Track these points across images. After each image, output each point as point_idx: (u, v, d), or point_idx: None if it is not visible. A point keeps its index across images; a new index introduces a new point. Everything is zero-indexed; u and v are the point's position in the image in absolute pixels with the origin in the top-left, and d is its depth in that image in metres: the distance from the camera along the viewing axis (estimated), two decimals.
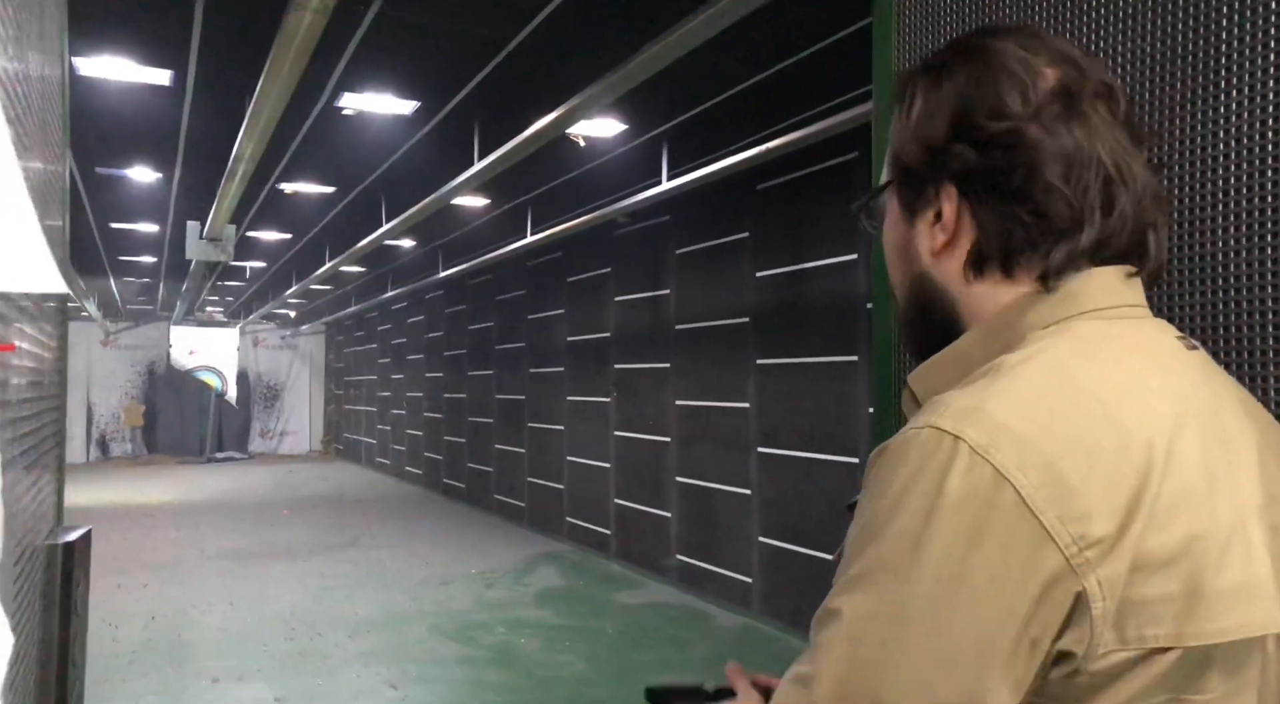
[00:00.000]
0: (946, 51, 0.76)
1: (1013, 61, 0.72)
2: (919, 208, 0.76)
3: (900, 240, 0.78)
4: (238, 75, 4.51)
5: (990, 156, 0.70)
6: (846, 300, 5.48)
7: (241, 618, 6.19)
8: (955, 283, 0.74)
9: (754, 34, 3.84)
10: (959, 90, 0.72)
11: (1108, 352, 0.66)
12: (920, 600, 0.58)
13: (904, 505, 0.60)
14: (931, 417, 0.62)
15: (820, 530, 5.65)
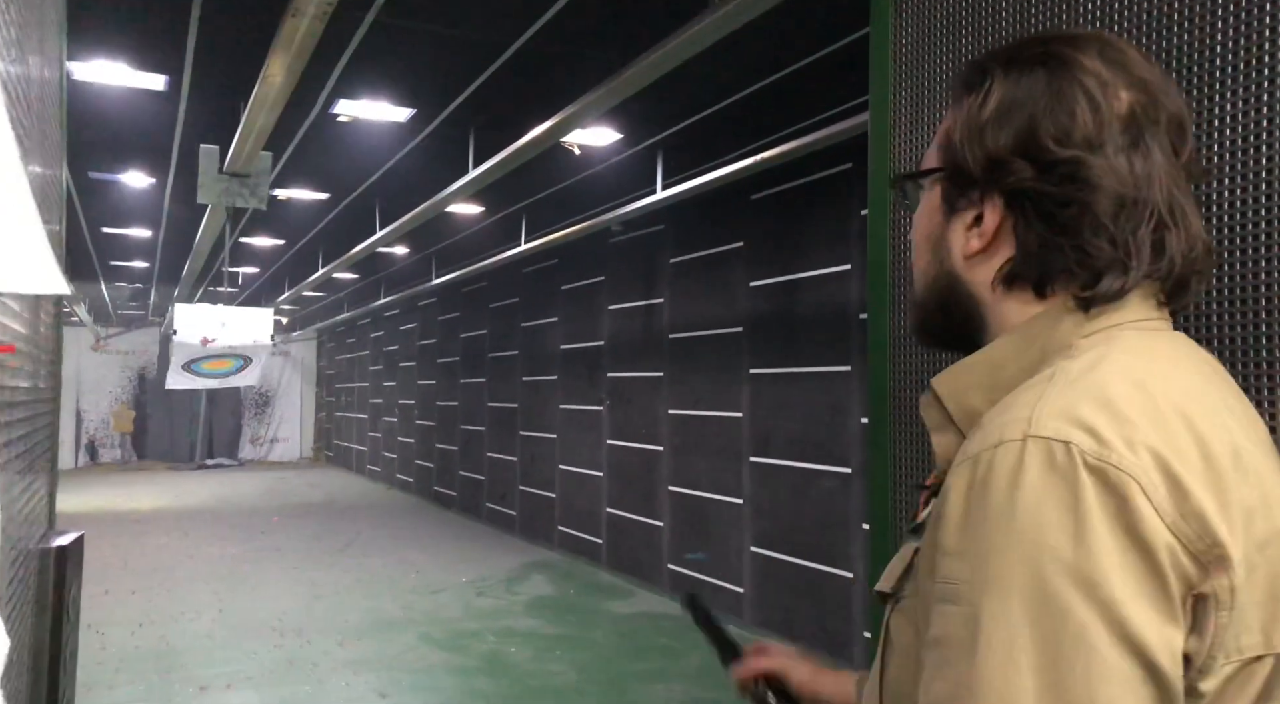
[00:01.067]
0: (1028, 50, 0.73)
1: (1091, 81, 0.70)
2: (960, 206, 0.75)
3: (933, 231, 0.77)
4: (233, 81, 4.51)
5: (1047, 180, 0.69)
6: (839, 311, 5.49)
7: (230, 625, 6.16)
8: (984, 290, 0.74)
9: (749, 45, 3.86)
10: (1032, 102, 0.70)
11: (1161, 362, 0.66)
12: (1081, 609, 0.54)
13: (1037, 520, 0.56)
14: (1021, 426, 0.59)
15: (812, 540, 5.65)
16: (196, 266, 9.14)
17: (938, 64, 1.37)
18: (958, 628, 0.58)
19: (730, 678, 1.16)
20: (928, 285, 0.78)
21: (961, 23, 1.33)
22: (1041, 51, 0.72)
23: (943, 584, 0.60)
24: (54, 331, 1.63)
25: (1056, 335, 0.69)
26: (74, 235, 8.75)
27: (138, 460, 17.86)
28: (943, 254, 0.76)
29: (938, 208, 0.77)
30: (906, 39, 1.42)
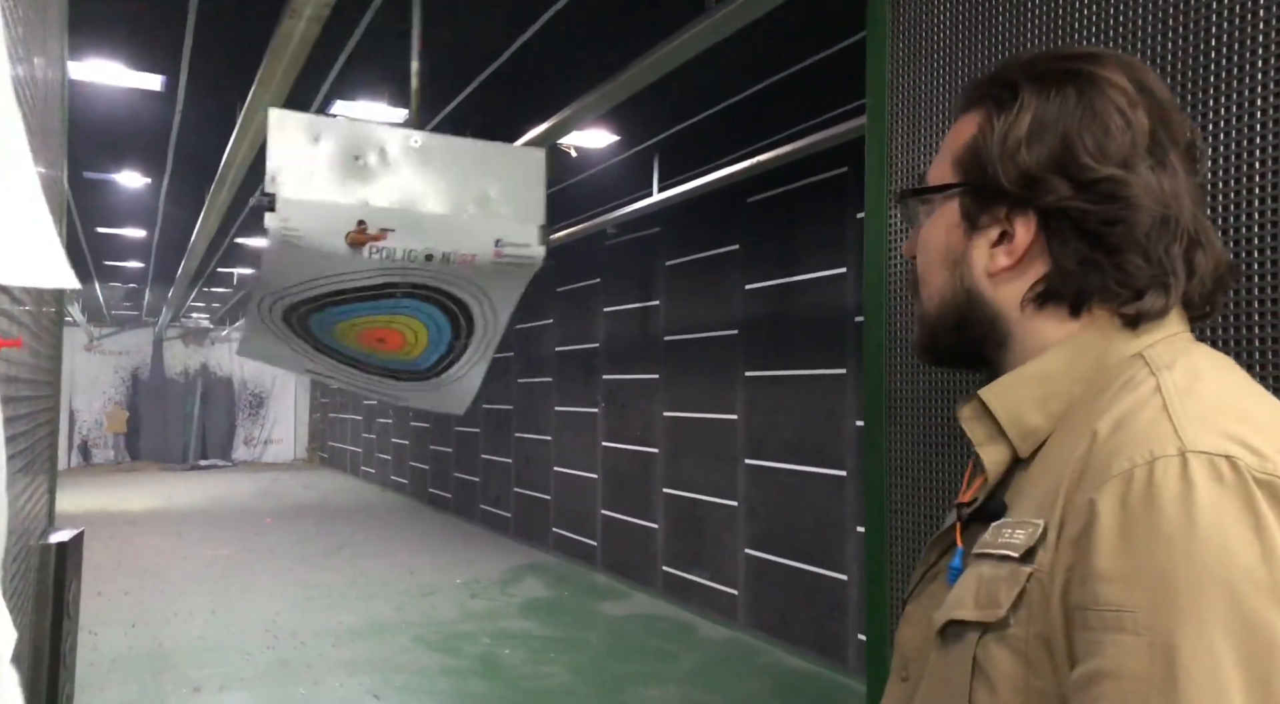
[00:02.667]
0: (1054, 66, 0.72)
1: (1121, 99, 0.69)
2: (984, 223, 0.73)
3: (950, 247, 0.76)
4: (230, 81, 4.51)
5: (1087, 198, 0.68)
6: (835, 313, 5.51)
7: (224, 626, 6.14)
8: (1010, 308, 0.73)
9: (747, 48, 3.87)
10: (1066, 119, 0.69)
11: (1237, 372, 0.67)
12: None
13: (1222, 539, 0.54)
14: (1171, 441, 0.58)
15: (807, 543, 5.66)
16: (191, 267, 9.12)
17: (935, 70, 1.38)
18: (1142, 661, 0.54)
19: None
20: (942, 303, 0.77)
21: (958, 29, 1.34)
22: (1069, 68, 0.71)
23: (1105, 611, 0.56)
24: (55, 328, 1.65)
25: (1113, 348, 0.69)
26: (68, 235, 8.73)
27: (131, 461, 17.81)
28: (963, 271, 0.75)
29: (956, 225, 0.75)
30: (903, 44, 1.44)
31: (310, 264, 1.76)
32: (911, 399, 1.44)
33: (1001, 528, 0.67)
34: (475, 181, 1.93)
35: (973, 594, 0.66)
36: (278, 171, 1.72)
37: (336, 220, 1.75)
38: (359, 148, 1.77)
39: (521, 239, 2.01)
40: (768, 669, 5.41)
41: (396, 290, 1.88)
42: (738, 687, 5.11)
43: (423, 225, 1.84)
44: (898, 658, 0.79)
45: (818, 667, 5.32)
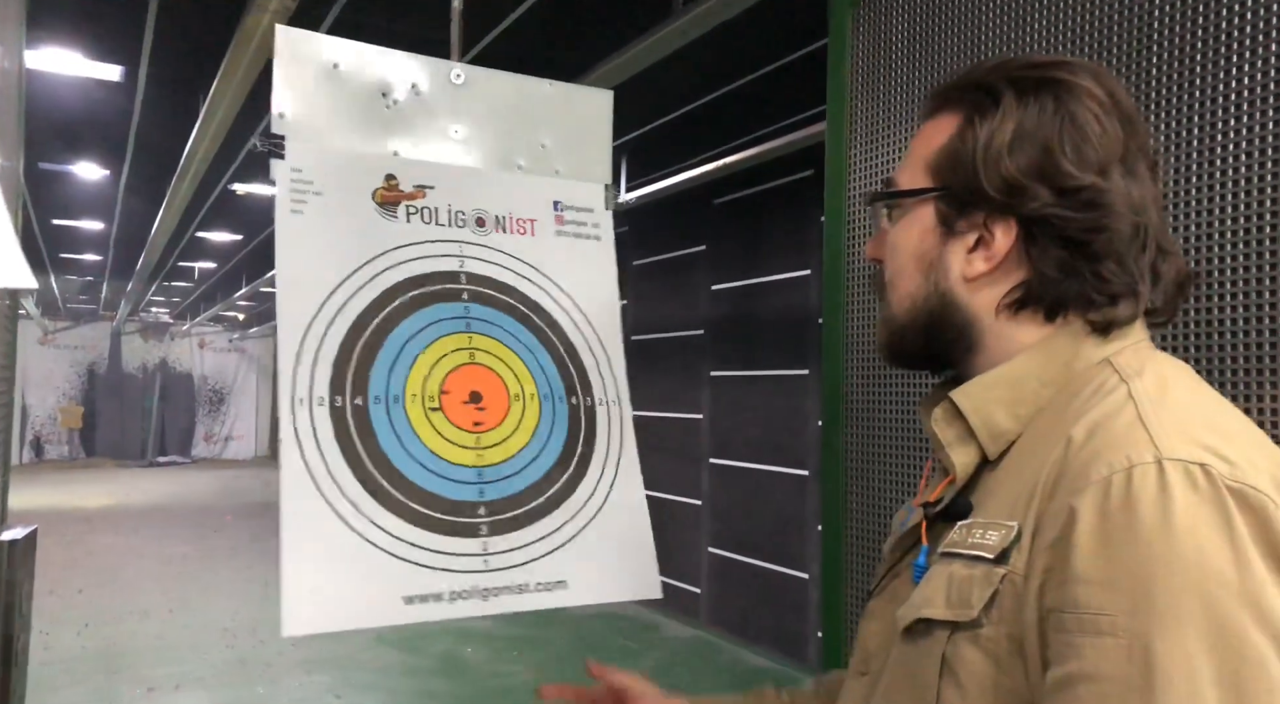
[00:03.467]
0: (1030, 73, 0.73)
1: (1097, 108, 0.71)
2: (960, 229, 0.74)
3: (924, 252, 0.76)
4: (192, 73, 4.45)
5: (1069, 206, 0.69)
6: (799, 315, 5.56)
7: (180, 625, 6.06)
8: (984, 313, 0.74)
9: (714, 51, 3.90)
10: (1046, 127, 0.70)
11: (1186, 378, 0.69)
12: (1256, 635, 0.54)
13: (1197, 544, 0.55)
14: (1147, 448, 0.59)
15: (769, 541, 5.71)
16: (151, 260, 8.97)
17: (893, 78, 1.41)
18: (1120, 662, 0.55)
19: None
20: (914, 306, 0.77)
21: (916, 40, 1.37)
22: (1045, 76, 0.72)
23: (1083, 614, 0.57)
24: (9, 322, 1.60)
25: (1081, 354, 0.70)
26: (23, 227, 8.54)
27: (85, 457, 17.47)
28: (937, 276, 0.75)
29: (931, 229, 0.75)
30: (863, 54, 1.46)
31: (336, 239, 1.37)
32: (868, 400, 1.47)
33: (971, 528, 0.68)
34: (527, 128, 1.54)
35: (943, 593, 0.67)
36: (287, 108, 1.35)
37: (362, 173, 1.39)
38: (388, 82, 1.42)
39: (584, 202, 1.59)
40: (729, 667, 5.45)
41: (460, 286, 1.47)
42: (700, 685, 5.14)
43: (466, 181, 1.48)
44: (859, 653, 0.80)
45: (779, 664, 5.37)
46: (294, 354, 1.32)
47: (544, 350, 1.50)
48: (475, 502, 1.38)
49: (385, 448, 1.34)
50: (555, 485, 1.45)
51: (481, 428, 1.41)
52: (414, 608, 1.35)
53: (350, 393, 1.33)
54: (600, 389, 1.54)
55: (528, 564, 1.41)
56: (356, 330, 1.35)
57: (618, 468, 1.54)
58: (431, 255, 1.44)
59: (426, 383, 1.39)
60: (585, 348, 1.54)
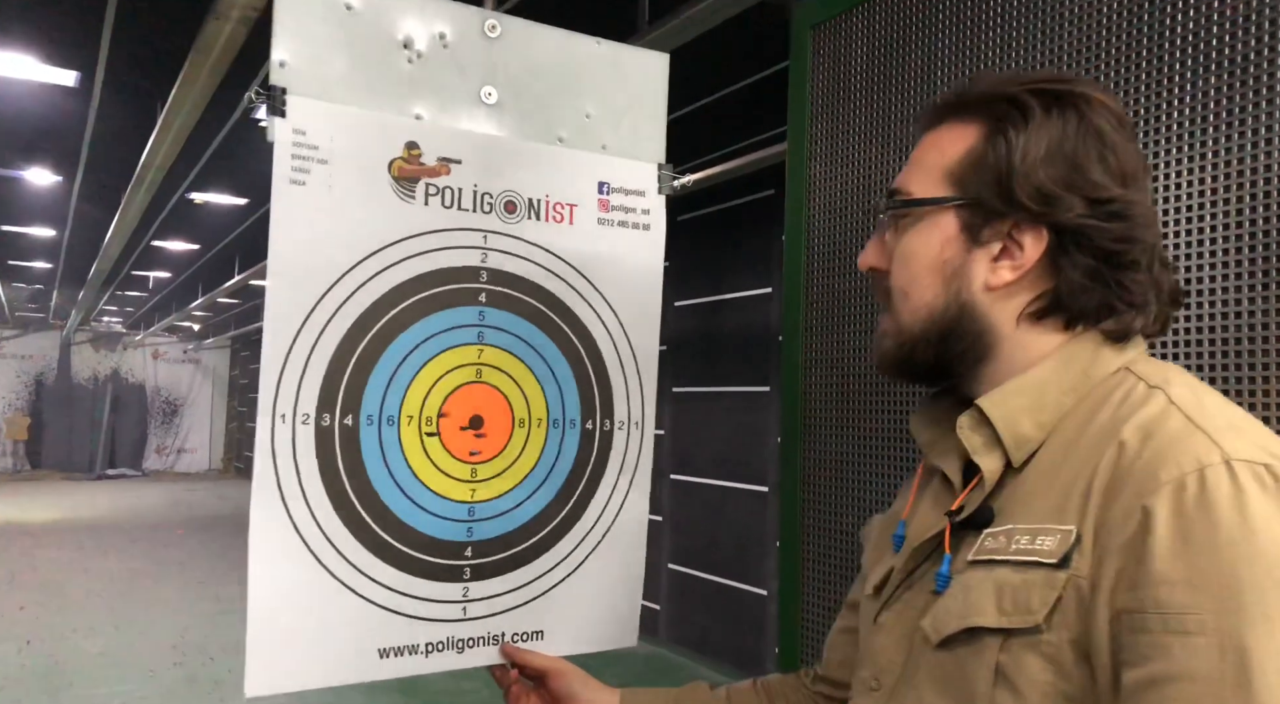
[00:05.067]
0: (1049, 88, 0.74)
1: (1115, 122, 0.73)
2: (986, 237, 0.74)
3: (945, 261, 0.76)
4: (150, 80, 4.39)
5: (1099, 217, 0.70)
6: (761, 332, 5.60)
7: (127, 643, 5.90)
8: (1003, 322, 0.74)
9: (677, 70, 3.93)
10: (1076, 140, 0.71)
11: (1203, 386, 0.71)
12: None
13: (1273, 540, 0.57)
14: (1212, 450, 0.60)
15: (728, 558, 5.72)
16: (104, 269, 8.79)
17: (852, 100, 1.43)
18: (1212, 661, 0.56)
19: None
20: (930, 317, 0.76)
21: (874, 59, 1.39)
22: (1064, 90, 0.73)
23: (1167, 614, 0.58)
24: None
25: (1099, 362, 0.72)
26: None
27: (31, 469, 16.99)
28: (959, 285, 0.75)
29: (953, 238, 0.75)
30: (823, 73, 1.49)
31: (341, 221, 1.15)
32: (826, 417, 1.48)
33: (1012, 534, 0.68)
34: (572, 93, 1.29)
35: (992, 601, 0.66)
36: (288, 54, 1.12)
37: (378, 138, 1.16)
38: (410, 31, 1.18)
39: (634, 184, 1.36)
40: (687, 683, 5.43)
41: (478, 286, 1.26)
42: None
43: (499, 155, 1.24)
44: (867, 668, 0.79)
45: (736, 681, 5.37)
46: (280, 359, 1.13)
47: (566, 364, 1.32)
48: (463, 542, 1.25)
49: (373, 478, 1.19)
50: (548, 527, 1.31)
51: (478, 458, 1.26)
52: (389, 663, 1.21)
53: (340, 410, 1.17)
54: (624, 410, 1.38)
55: (507, 613, 1.28)
56: (354, 336, 1.17)
57: (622, 504, 1.38)
58: (450, 248, 1.23)
59: (425, 403, 1.22)
60: (616, 363, 1.37)
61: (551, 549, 1.31)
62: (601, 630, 1.35)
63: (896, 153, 1.35)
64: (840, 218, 1.45)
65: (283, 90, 1.12)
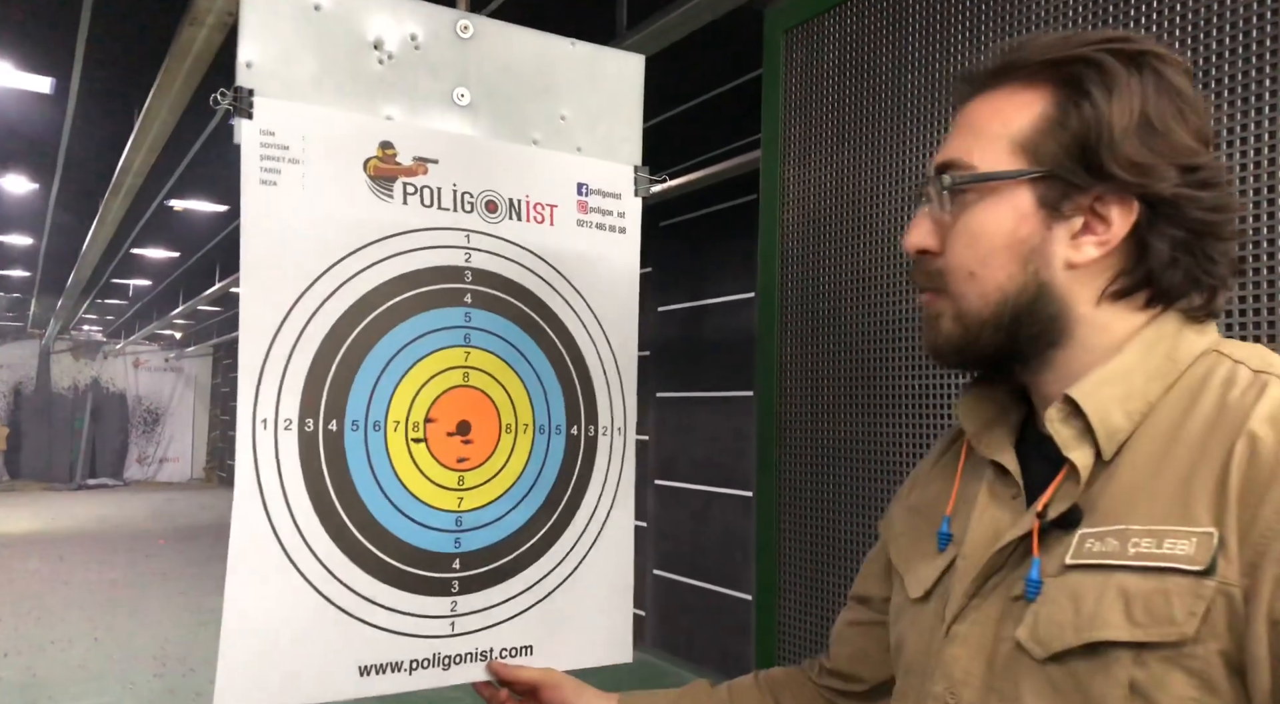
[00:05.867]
0: (1120, 46, 0.68)
1: (1187, 78, 0.68)
2: (1067, 212, 0.68)
3: (1022, 239, 0.69)
4: (126, 87, 4.36)
5: (1192, 185, 0.66)
6: (743, 337, 5.61)
7: (106, 654, 5.84)
8: (1082, 302, 0.69)
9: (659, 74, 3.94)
10: (1160, 101, 0.66)
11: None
12: None
13: None
14: None
15: (713, 563, 5.71)
16: (83, 277, 8.72)
17: (824, 106, 1.44)
18: None
19: None
20: (1003, 299, 0.70)
21: (846, 63, 1.40)
22: (1138, 48, 0.68)
23: None
24: None
25: (1182, 345, 0.68)
26: None
27: (10, 479, 16.80)
28: (1038, 264, 0.69)
29: (1029, 214, 0.69)
30: (796, 78, 1.49)
31: (316, 221, 1.12)
32: (802, 421, 1.48)
33: (1126, 536, 0.63)
34: (546, 95, 1.29)
35: (1120, 611, 0.61)
36: (255, 54, 1.10)
37: (351, 138, 1.15)
38: (380, 31, 1.16)
39: (610, 186, 1.36)
40: None
41: (463, 287, 1.23)
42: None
43: (476, 155, 1.23)
44: (940, 681, 0.72)
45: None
46: (259, 362, 1.09)
47: (550, 368, 1.30)
48: (450, 553, 1.21)
49: (358, 485, 1.15)
50: (535, 536, 1.28)
51: (466, 465, 1.23)
52: (369, 681, 1.17)
53: (324, 415, 1.13)
54: (607, 415, 1.36)
55: (495, 627, 1.24)
56: (335, 338, 1.13)
57: (609, 513, 1.36)
58: (432, 247, 1.20)
59: (412, 408, 1.19)
60: (598, 365, 1.35)
61: (540, 560, 1.28)
62: (593, 645, 1.31)
63: (870, 156, 1.35)
64: (814, 221, 1.46)
65: (250, 91, 1.11)
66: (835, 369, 1.42)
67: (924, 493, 0.86)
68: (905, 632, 0.80)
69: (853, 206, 1.37)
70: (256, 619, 1.09)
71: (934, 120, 1.25)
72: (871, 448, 1.34)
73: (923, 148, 1.26)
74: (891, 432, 1.30)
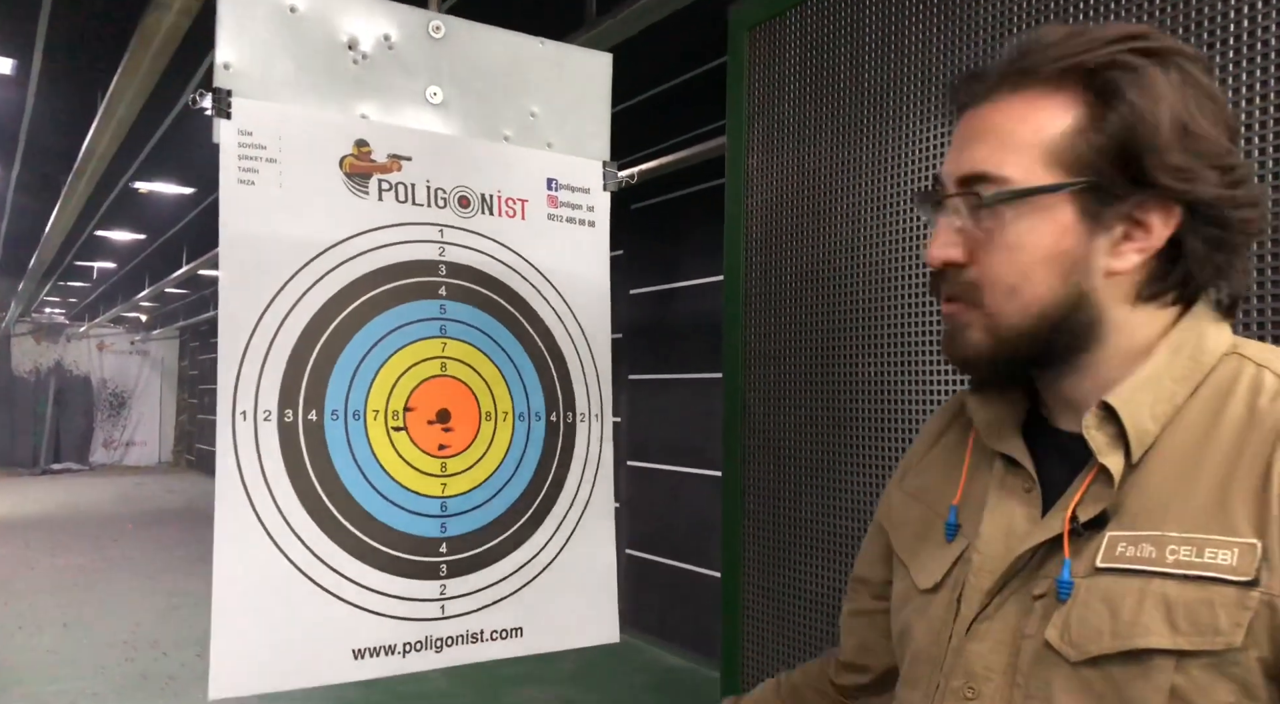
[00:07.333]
0: (1144, 43, 0.66)
1: (1208, 72, 0.68)
2: (1108, 222, 0.67)
3: (1064, 251, 0.68)
4: (90, 68, 4.30)
5: (1228, 185, 0.66)
6: (713, 319, 5.66)
7: (76, 640, 5.81)
8: (1119, 306, 0.69)
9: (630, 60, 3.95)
10: (1190, 103, 0.65)
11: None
12: None
13: None
14: None
15: (685, 542, 5.79)
16: (46, 260, 8.57)
17: (788, 96, 1.48)
18: None
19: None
20: (1043, 311, 0.69)
21: (807, 60, 1.44)
22: (1158, 47, 0.66)
23: None
24: None
25: (1205, 345, 0.68)
26: None
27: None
28: (1080, 275, 0.68)
29: (1070, 226, 0.68)
30: (760, 71, 1.53)
31: (294, 217, 1.15)
32: (766, 404, 1.53)
33: (1163, 543, 0.64)
34: (517, 93, 1.34)
35: (1161, 619, 0.61)
36: (233, 56, 1.13)
37: (327, 137, 1.18)
38: (355, 32, 1.20)
39: (580, 181, 1.42)
40: (646, 668, 5.51)
41: (438, 279, 1.27)
42: (616, 685, 5.19)
43: (448, 152, 1.27)
44: (959, 676, 0.72)
45: (694, 664, 5.45)
46: (238, 357, 1.13)
47: (527, 358, 1.35)
48: (437, 538, 1.25)
49: (341, 473, 1.18)
50: (521, 519, 1.33)
51: (447, 452, 1.27)
52: (364, 664, 1.21)
53: (303, 406, 1.16)
54: (584, 401, 1.42)
55: (484, 610, 1.29)
56: (314, 331, 1.16)
57: (589, 497, 1.42)
58: (407, 241, 1.24)
59: (391, 397, 1.22)
60: (573, 353, 1.40)
61: (526, 543, 1.33)
62: (581, 626, 1.37)
63: (830, 148, 1.39)
64: (778, 210, 1.50)
65: (228, 92, 1.14)
66: (798, 353, 1.46)
67: (922, 479, 0.86)
68: (912, 620, 0.80)
69: (814, 196, 1.42)
70: (245, 605, 1.12)
71: (890, 114, 1.29)
72: (833, 429, 1.39)
73: (881, 140, 1.31)
74: (852, 414, 1.36)
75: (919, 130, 1.25)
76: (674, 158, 5.03)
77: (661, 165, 5.14)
